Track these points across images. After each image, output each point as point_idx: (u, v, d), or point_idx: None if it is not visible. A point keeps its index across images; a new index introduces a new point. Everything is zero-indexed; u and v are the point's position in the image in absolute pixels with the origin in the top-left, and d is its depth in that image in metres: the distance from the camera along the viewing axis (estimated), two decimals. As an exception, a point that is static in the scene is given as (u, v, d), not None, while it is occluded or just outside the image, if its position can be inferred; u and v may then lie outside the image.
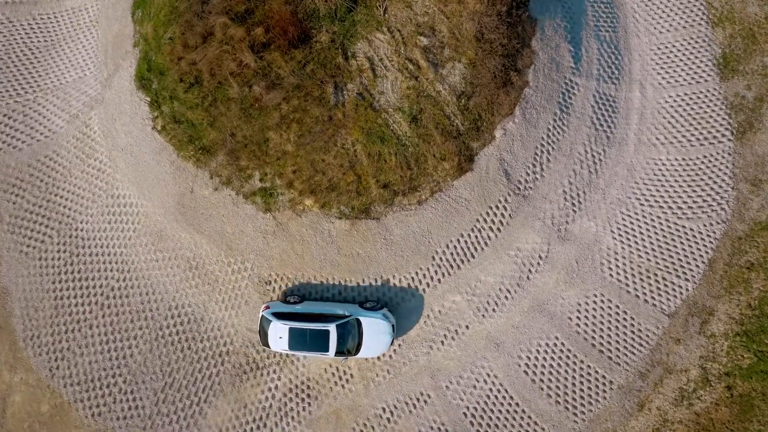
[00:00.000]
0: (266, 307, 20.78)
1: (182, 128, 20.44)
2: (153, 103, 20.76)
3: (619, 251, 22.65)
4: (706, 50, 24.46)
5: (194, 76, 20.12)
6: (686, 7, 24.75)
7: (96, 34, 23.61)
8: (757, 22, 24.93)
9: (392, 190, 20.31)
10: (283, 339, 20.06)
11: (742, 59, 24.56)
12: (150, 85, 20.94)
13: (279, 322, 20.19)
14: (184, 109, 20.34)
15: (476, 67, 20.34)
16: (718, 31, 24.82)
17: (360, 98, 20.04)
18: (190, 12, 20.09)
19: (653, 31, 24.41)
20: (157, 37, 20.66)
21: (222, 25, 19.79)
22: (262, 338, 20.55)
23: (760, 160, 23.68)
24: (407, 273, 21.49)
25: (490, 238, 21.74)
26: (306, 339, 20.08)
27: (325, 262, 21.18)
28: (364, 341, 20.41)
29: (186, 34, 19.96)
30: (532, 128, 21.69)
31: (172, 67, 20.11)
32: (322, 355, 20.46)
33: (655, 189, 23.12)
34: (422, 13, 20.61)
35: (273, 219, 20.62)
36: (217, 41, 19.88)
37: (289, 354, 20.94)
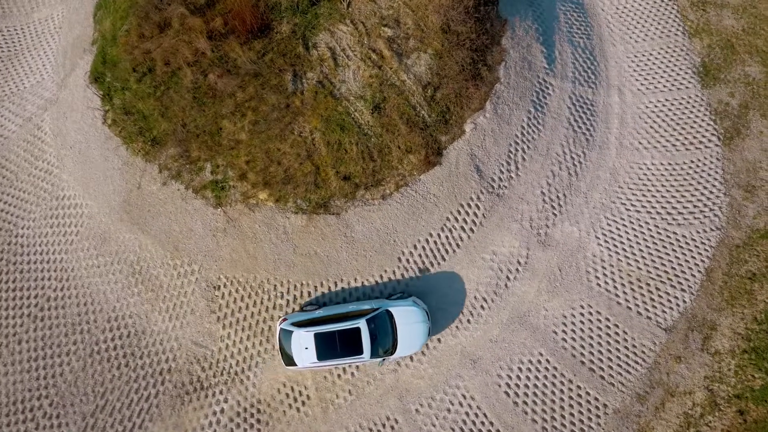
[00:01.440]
0: (283, 319, 18.66)
1: (132, 120, 19.62)
2: (105, 96, 20.11)
3: (605, 259, 21.11)
4: (685, 59, 24.33)
5: (147, 66, 19.63)
6: (661, 18, 24.95)
7: (58, 39, 23.64)
8: (735, 34, 25.05)
9: (354, 182, 19.18)
10: (309, 349, 17.84)
11: (722, 68, 24.38)
12: (104, 78, 20.35)
13: (301, 330, 18.07)
14: (136, 100, 19.63)
15: (443, 59, 19.96)
16: (695, 42, 24.87)
17: (320, 86, 19.41)
18: (149, 4, 20.15)
19: (629, 40, 24.40)
20: (114, 31, 20.50)
21: (179, 16, 19.65)
22: (284, 356, 18.30)
23: (751, 166, 22.77)
24: (370, 276, 19.76)
25: (462, 239, 20.30)
26: (336, 343, 17.91)
27: (280, 263, 19.60)
28: (399, 335, 18.38)
29: (142, 24, 19.77)
30: (504, 124, 20.95)
31: (125, 57, 19.69)
32: (358, 361, 18.20)
33: (642, 194, 21.97)
34: (387, 7, 20.53)
35: (224, 215, 19.33)
36: (173, 31, 19.66)
37: (318, 369, 18.49)
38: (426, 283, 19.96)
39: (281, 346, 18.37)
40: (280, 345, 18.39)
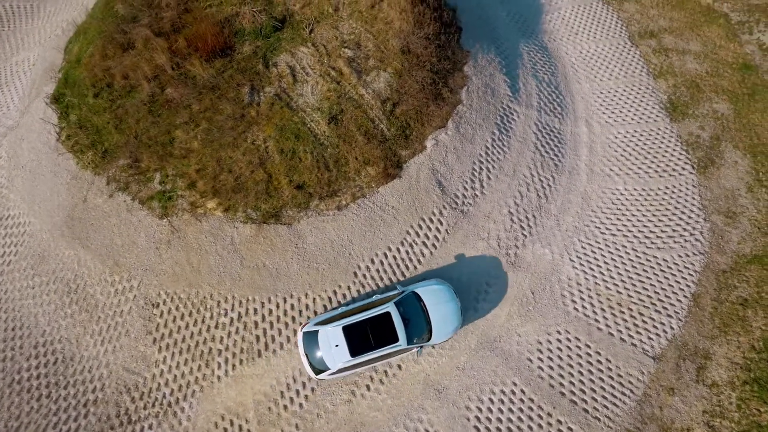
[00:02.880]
0: (304, 325, 17.09)
1: (86, 134, 19.39)
2: (62, 113, 20.20)
3: (582, 282, 19.74)
4: (651, 96, 24.73)
5: (106, 81, 19.90)
6: (624, 61, 25.78)
7: (30, 74, 24.37)
8: (699, 76, 25.74)
9: (308, 192, 18.47)
10: (340, 346, 16.20)
11: (690, 105, 24.71)
12: (64, 98, 20.62)
13: (327, 326, 16.52)
14: (91, 114, 19.59)
15: (402, 77, 20.23)
16: (660, 82, 25.47)
17: (276, 98, 19.43)
18: (116, 29, 20.97)
19: (594, 78, 24.97)
20: (80, 55, 21.14)
21: (144, 38, 20.39)
22: (312, 363, 16.47)
23: (730, 194, 22.15)
24: (323, 290, 18.29)
25: (423, 255, 19.09)
26: (367, 334, 16.33)
27: (225, 276, 18.23)
28: (432, 318, 16.97)
29: (106, 46, 20.44)
30: (467, 143, 20.70)
31: (86, 75, 20.12)
32: (395, 350, 16.55)
33: (616, 218, 21.11)
34: (348, 32, 21.31)
35: (169, 225, 18.36)
36: (136, 51, 20.27)
37: (351, 373, 16.71)
38: None
39: (306, 351, 16.58)
40: (305, 351, 16.59)
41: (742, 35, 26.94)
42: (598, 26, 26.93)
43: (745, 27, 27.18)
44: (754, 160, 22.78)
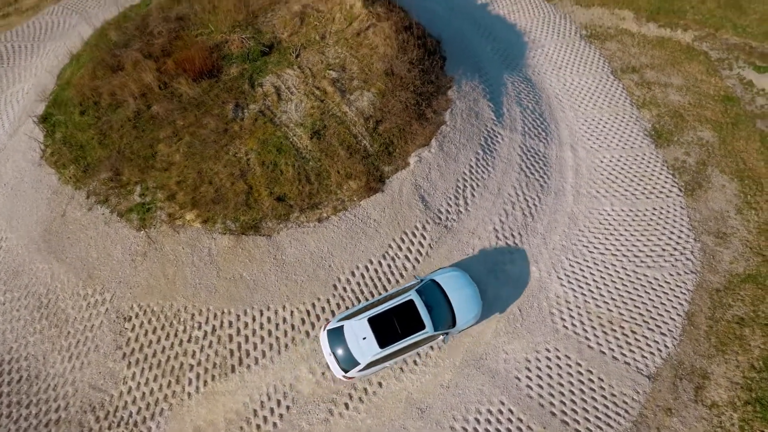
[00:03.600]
0: (326, 323, 16.70)
1: (69, 150, 19.49)
2: (48, 132, 20.48)
3: (570, 300, 19.14)
4: (635, 124, 25.05)
5: (93, 100, 20.30)
6: (608, 93, 26.34)
7: (22, 102, 24.89)
8: (682, 107, 26.19)
9: (288, 204, 18.34)
10: (367, 339, 15.76)
11: (674, 133, 24.99)
12: (51, 117, 20.96)
13: (351, 320, 16.13)
14: (76, 131, 19.83)
15: (386, 97, 20.57)
16: (644, 111, 25.88)
17: (260, 114, 19.69)
18: (108, 54, 21.60)
19: (577, 108, 25.40)
20: (71, 77, 21.69)
21: (133, 60, 21.01)
22: (340, 361, 15.92)
23: (719, 215, 21.93)
24: (301, 303, 17.66)
25: (406, 269, 18.58)
26: (393, 323, 15.99)
27: (200, 288, 17.67)
28: (453, 303, 16.86)
29: (96, 68, 21.03)
30: (451, 161, 20.73)
31: (74, 95, 20.51)
32: (422, 338, 16.19)
33: (604, 237, 20.79)
34: (334, 57, 21.98)
35: (146, 237, 18.06)
36: (125, 72, 20.82)
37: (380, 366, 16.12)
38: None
39: (332, 348, 16.07)
40: (331, 348, 16.07)
41: (722, 71, 27.74)
42: (580, 62, 27.81)
43: (725, 63, 28.04)
44: (742, 184, 22.79)
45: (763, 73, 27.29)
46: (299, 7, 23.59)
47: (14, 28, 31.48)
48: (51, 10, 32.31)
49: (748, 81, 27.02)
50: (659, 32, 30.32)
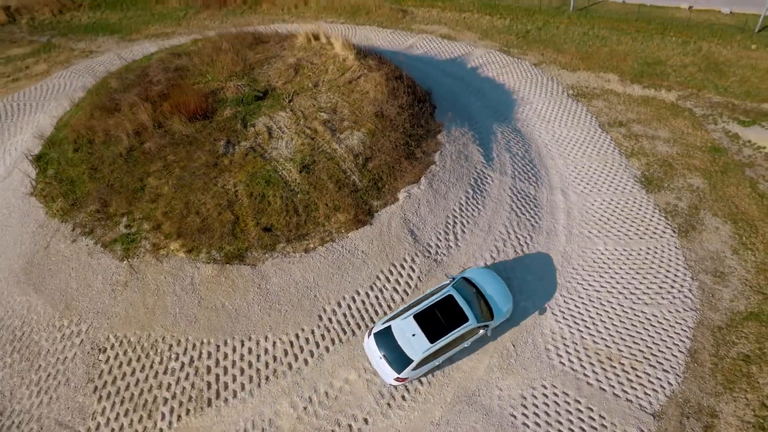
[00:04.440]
0: (369, 329, 16.65)
1: (59, 185, 19.59)
2: (41, 169, 20.70)
3: (566, 336, 18.30)
4: (625, 171, 25.28)
5: (88, 138, 20.74)
6: (596, 144, 26.82)
7: (19, 146, 25.20)
8: (671, 156, 26.58)
9: (275, 234, 18.07)
10: (417, 335, 15.89)
11: (664, 179, 25.13)
12: (46, 157, 21.27)
13: (397, 320, 16.26)
14: (68, 167, 20.04)
15: (375, 136, 20.93)
16: (633, 160, 26.23)
17: (251, 150, 20.01)
18: (107, 98, 22.30)
19: (567, 156, 25.77)
20: (69, 120, 22.27)
21: (130, 102, 21.65)
22: (392, 361, 15.65)
23: (715, 255, 21.52)
24: (284, 334, 16.84)
25: (395, 301, 17.91)
26: (438, 318, 16.30)
27: (180, 317, 16.95)
28: (487, 297, 17.51)
29: (94, 110, 21.65)
30: (441, 198, 20.65)
31: (70, 133, 20.96)
32: (467, 330, 16.42)
33: (599, 275, 20.26)
34: (326, 101, 22.66)
35: (128, 267, 17.64)
36: (122, 114, 21.39)
37: (428, 365, 16.04)
38: (352, 346, 17.20)
39: (383, 353, 15.85)
40: (383, 350, 15.87)
41: (707, 125, 28.50)
42: (568, 116, 28.67)
43: (710, 119, 28.87)
44: (736, 226, 22.66)
45: (747, 127, 28.04)
46: (294, 59, 24.80)
47: (22, 90, 32.97)
48: (60, 74, 33.94)
49: (733, 134, 27.70)
50: (644, 92, 31.54)
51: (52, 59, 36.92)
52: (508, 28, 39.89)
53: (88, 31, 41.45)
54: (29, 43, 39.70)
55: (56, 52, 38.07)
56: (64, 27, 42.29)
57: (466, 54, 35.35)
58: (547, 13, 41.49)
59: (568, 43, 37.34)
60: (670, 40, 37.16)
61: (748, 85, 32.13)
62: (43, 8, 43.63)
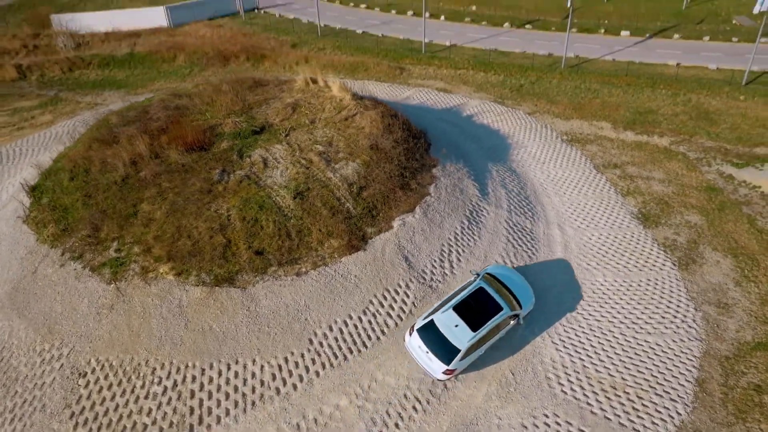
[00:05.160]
0: (410, 328, 16.72)
1: (52, 213, 19.50)
2: (36, 198, 20.68)
3: (568, 364, 17.47)
4: (621, 208, 25.19)
5: (84, 168, 20.85)
6: (591, 183, 26.90)
7: (16, 183, 25.24)
8: (667, 195, 26.56)
9: (266, 258, 17.74)
10: (459, 326, 16.31)
11: (661, 216, 24.99)
12: (42, 187, 21.29)
13: (437, 314, 16.56)
14: (62, 195, 20.02)
15: (370, 167, 21.05)
16: (629, 199, 26.21)
17: (246, 178, 20.03)
18: (107, 132, 22.62)
19: (563, 194, 25.75)
20: (68, 152, 22.47)
21: (128, 135, 21.92)
22: (440, 353, 15.83)
23: (717, 287, 20.98)
24: (273, 357, 16.07)
25: (388, 326, 17.27)
26: (475, 308, 16.85)
27: (166, 340, 16.23)
28: (511, 288, 18.18)
29: (92, 143, 21.89)
30: (436, 227, 20.38)
31: (66, 163, 21.10)
32: (503, 318, 16.96)
33: (598, 305, 19.64)
34: (322, 136, 22.96)
35: (115, 290, 17.15)
36: (120, 145, 21.60)
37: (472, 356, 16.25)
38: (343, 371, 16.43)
39: (429, 348, 15.97)
40: (428, 348, 15.98)
41: (701, 167, 28.77)
42: (563, 159, 29.03)
43: (703, 161, 29.20)
44: (737, 260, 22.32)
45: (741, 168, 28.31)
46: (292, 100, 25.48)
47: (26, 137, 33.66)
48: (64, 123, 34.72)
49: (728, 175, 27.93)
50: (637, 138, 32.12)
51: (57, 110, 38.00)
52: (502, 82, 41.34)
53: (95, 86, 42.95)
54: (37, 96, 41.06)
55: (62, 104, 39.24)
56: (72, 83, 43.90)
57: (461, 104, 36.39)
58: (539, 70, 43.10)
59: (561, 95, 38.54)
60: (660, 93, 38.34)
61: (739, 131, 32.81)
62: (53, 66, 45.53)
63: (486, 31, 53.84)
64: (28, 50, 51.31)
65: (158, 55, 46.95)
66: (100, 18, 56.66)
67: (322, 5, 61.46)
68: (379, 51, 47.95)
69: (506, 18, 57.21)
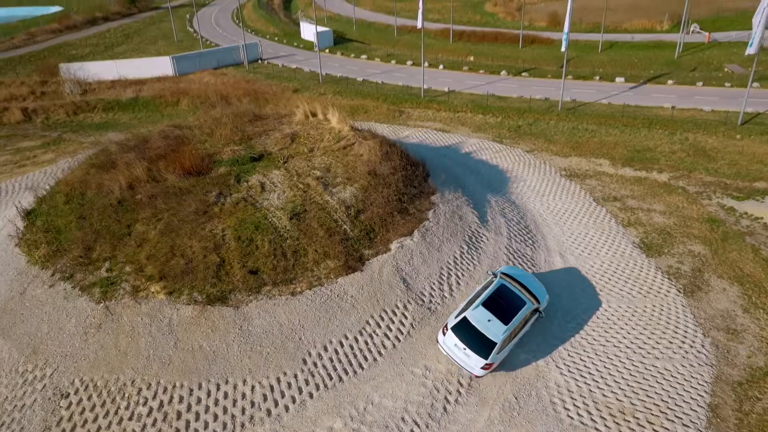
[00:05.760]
0: (443, 330, 16.95)
1: (45, 235, 19.22)
2: (29, 222, 20.42)
3: (573, 389, 16.63)
4: (623, 238, 24.81)
5: (80, 191, 20.69)
6: (592, 215, 26.58)
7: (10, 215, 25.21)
8: (668, 226, 26.25)
9: (261, 278, 17.24)
10: (492, 321, 16.74)
11: (664, 246, 24.58)
12: (37, 211, 21.10)
13: (469, 311, 16.95)
14: (56, 218, 19.79)
15: (367, 191, 20.86)
16: (630, 229, 25.90)
17: (242, 200, 19.80)
18: (105, 159, 22.62)
19: (563, 224, 25.41)
20: (65, 178, 22.40)
21: (127, 161, 21.90)
22: (477, 349, 16.11)
23: (725, 314, 20.31)
24: (264, 377, 15.27)
25: (385, 347, 16.54)
26: (502, 304, 17.44)
27: (153, 359, 15.49)
28: (525, 285, 18.67)
29: (90, 169, 21.84)
30: (434, 251, 19.97)
31: (63, 187, 20.97)
32: (529, 311, 17.62)
33: (603, 330, 18.98)
34: (320, 163, 22.90)
35: (104, 309, 16.56)
36: (117, 170, 21.53)
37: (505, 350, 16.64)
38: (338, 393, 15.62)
39: (466, 344, 16.23)
40: (465, 344, 16.24)
41: (702, 200, 28.63)
42: (562, 191, 28.97)
43: (704, 195, 29.11)
44: (743, 288, 21.78)
45: (742, 201, 28.20)
46: (291, 131, 25.71)
47: (27, 174, 33.82)
48: (66, 161, 35.01)
49: (729, 207, 27.76)
50: (635, 173, 32.18)
51: (60, 150, 38.37)
52: (500, 123, 41.92)
53: (99, 128, 43.56)
54: (41, 137, 41.58)
55: (65, 144, 39.68)
56: (76, 125, 44.60)
57: (459, 142, 36.76)
58: (536, 112, 43.80)
59: (559, 135, 38.97)
60: (656, 132, 38.77)
61: (737, 167, 32.91)
62: (58, 110, 46.39)
63: (483, 78, 55.21)
64: (35, 96, 52.54)
65: (162, 99, 47.97)
66: (107, 67, 58.29)
67: (324, 57, 63.34)
68: (378, 95, 49.01)
69: (503, 67, 58.79)
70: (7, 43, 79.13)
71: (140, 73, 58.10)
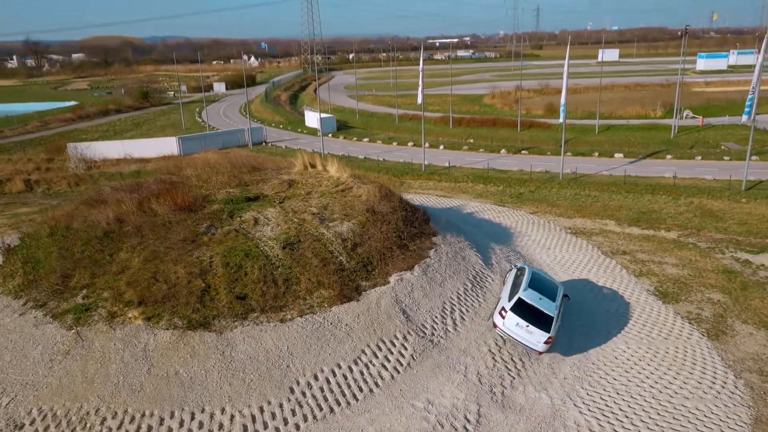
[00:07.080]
0: (500, 312, 17.47)
1: (23, 267, 18.02)
2: (9, 256, 19.26)
3: (596, 428, 14.53)
4: (636, 286, 23.37)
5: (65, 224, 19.72)
6: (601, 265, 25.34)
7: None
8: (683, 277, 24.86)
9: (248, 304, 15.73)
10: (542, 299, 17.75)
11: (680, 294, 23.03)
12: (21, 247, 19.98)
13: (521, 292, 17.67)
14: (37, 250, 18.68)
15: (366, 227, 19.85)
16: (643, 279, 24.49)
17: (234, 231, 18.71)
18: (96, 197, 21.87)
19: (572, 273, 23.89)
20: (51, 215, 21.51)
21: (117, 197, 21.13)
22: (540, 324, 16.90)
23: (756, 356, 18.45)
24: (246, 406, 13.33)
25: (383, 378, 14.66)
26: (542, 286, 18.59)
27: (123, 386, 13.65)
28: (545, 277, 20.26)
29: (79, 205, 21.03)
30: (436, 286, 18.54)
31: (48, 221, 20.03)
32: (562, 294, 18.89)
33: (623, 370, 17.13)
34: (317, 204, 22.04)
35: (76, 335, 14.94)
36: (106, 206, 20.68)
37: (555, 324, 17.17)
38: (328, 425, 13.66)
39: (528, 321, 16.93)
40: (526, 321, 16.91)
41: (715, 254, 27.53)
42: (569, 245, 27.93)
43: (716, 250, 28.02)
44: (771, 333, 20.22)
45: (757, 254, 27.09)
46: (289, 178, 25.30)
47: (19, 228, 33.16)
48: (60, 222, 34.57)
49: (744, 260, 26.59)
50: (643, 232, 31.27)
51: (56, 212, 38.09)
52: (501, 191, 41.69)
53: (98, 199, 43.67)
54: (39, 204, 41.42)
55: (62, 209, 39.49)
56: (76, 195, 44.70)
57: (461, 205, 36.28)
58: (538, 181, 43.78)
59: (561, 200, 38.57)
60: (660, 197, 38.33)
61: (747, 225, 32.04)
62: (61, 181, 46.71)
63: (484, 156, 56.01)
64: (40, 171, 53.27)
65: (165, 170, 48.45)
66: (114, 146, 59.56)
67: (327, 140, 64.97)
68: (380, 169, 49.45)
69: (502, 146, 59.89)
70: (20, 129, 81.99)
71: (146, 152, 59.26)
